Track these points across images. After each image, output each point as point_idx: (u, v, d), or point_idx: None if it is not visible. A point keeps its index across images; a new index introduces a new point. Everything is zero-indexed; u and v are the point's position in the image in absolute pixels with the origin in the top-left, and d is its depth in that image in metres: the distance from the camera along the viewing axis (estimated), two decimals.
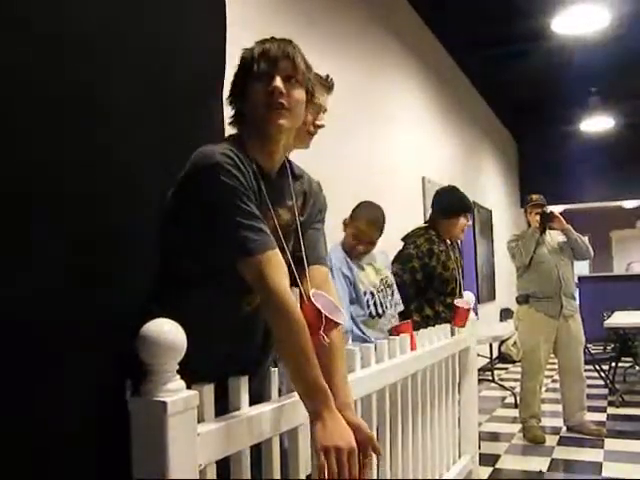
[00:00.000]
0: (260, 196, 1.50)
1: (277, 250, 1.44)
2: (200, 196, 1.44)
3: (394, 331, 2.64)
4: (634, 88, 7.79)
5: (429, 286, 3.35)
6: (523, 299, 4.76)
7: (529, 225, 4.83)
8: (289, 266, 1.52)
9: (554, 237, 4.83)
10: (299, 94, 1.55)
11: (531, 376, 4.71)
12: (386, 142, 5.00)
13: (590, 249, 4.80)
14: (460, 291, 3.46)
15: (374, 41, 4.85)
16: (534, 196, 4.90)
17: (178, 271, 1.52)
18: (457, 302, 3.19)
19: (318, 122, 2.11)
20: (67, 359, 1.70)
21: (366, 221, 2.89)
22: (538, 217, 4.70)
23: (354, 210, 2.94)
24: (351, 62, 4.38)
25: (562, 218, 4.78)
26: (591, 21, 5.54)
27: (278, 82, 1.51)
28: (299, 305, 1.46)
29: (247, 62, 1.54)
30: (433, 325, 3.08)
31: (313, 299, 1.44)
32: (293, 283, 1.54)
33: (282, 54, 1.54)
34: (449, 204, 3.54)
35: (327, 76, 2.16)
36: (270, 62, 1.53)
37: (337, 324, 1.48)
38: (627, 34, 6.12)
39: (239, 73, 1.57)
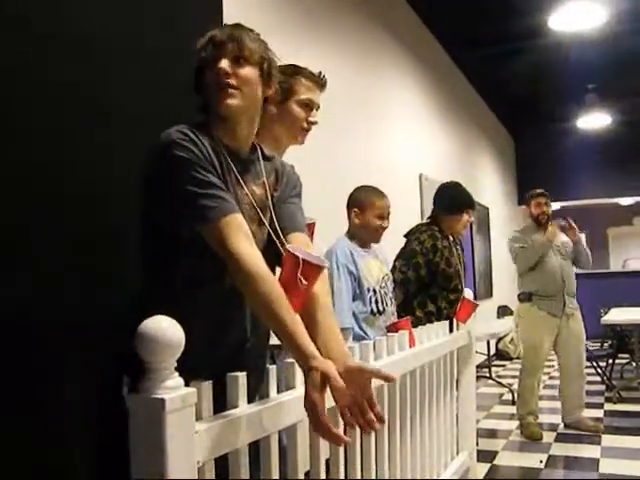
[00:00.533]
0: (230, 173, 1.55)
1: (236, 214, 1.46)
2: (158, 172, 1.50)
3: (392, 327, 2.64)
4: (631, 85, 7.80)
5: (433, 282, 3.36)
6: (526, 297, 4.76)
7: (532, 217, 4.86)
8: (269, 237, 1.60)
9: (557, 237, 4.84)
10: (248, 72, 1.57)
11: (530, 373, 4.72)
12: (383, 139, 5.00)
13: (590, 260, 4.97)
14: (462, 288, 3.47)
15: (371, 39, 4.85)
16: (538, 190, 5.00)
17: (158, 250, 1.56)
18: (466, 295, 3.21)
19: (311, 119, 2.13)
20: (67, 358, 1.71)
21: (382, 196, 2.91)
22: (539, 210, 4.82)
23: (361, 197, 2.92)
24: (348, 60, 4.38)
25: (576, 228, 4.85)
26: (588, 18, 5.54)
27: (223, 63, 1.55)
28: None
29: (199, 51, 1.59)
30: (435, 321, 3.10)
31: (290, 249, 1.49)
32: (274, 255, 1.59)
33: (227, 37, 1.57)
34: (452, 200, 3.54)
35: (319, 73, 2.18)
36: (216, 46, 1.57)
37: (319, 267, 1.50)
38: (624, 31, 6.13)
39: (197, 64, 1.60)
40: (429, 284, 3.36)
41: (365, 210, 2.86)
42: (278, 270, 1.56)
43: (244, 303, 1.55)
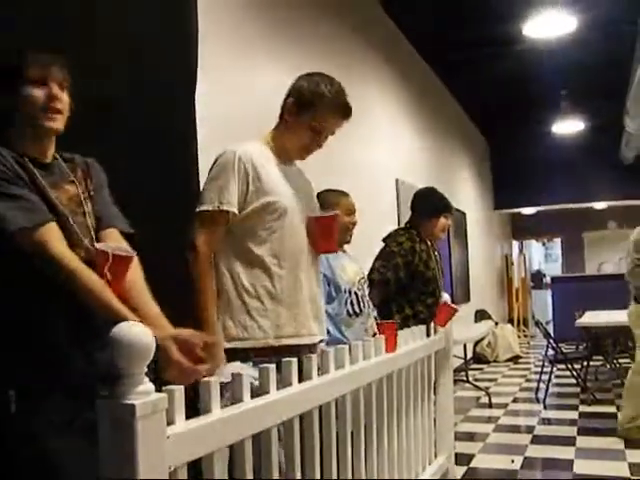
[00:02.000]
0: (37, 179, 1.59)
1: (52, 222, 1.54)
2: None
3: (379, 328, 2.64)
4: (602, 90, 7.91)
5: (411, 285, 3.38)
6: None
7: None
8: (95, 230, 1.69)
9: None
10: (67, 98, 1.65)
11: None
12: (360, 144, 5.02)
13: None
14: (440, 292, 3.50)
15: (348, 45, 4.87)
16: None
17: None
18: (445, 300, 3.23)
19: (317, 144, 2.20)
20: None
21: (346, 195, 2.93)
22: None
23: (327, 198, 2.92)
24: (326, 65, 4.39)
25: None
26: (560, 25, 5.63)
27: (55, 89, 1.62)
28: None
29: (13, 64, 1.61)
30: (413, 325, 3.12)
31: (97, 246, 1.59)
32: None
33: (53, 60, 1.63)
34: (431, 205, 3.60)
35: (348, 104, 2.21)
36: (43, 68, 1.61)
37: (128, 258, 1.60)
38: (594, 37, 6.23)
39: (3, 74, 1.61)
40: (407, 287, 3.38)
41: (332, 210, 2.87)
42: None
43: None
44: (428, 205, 3.60)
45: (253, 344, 2.02)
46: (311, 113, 2.13)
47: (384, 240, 3.59)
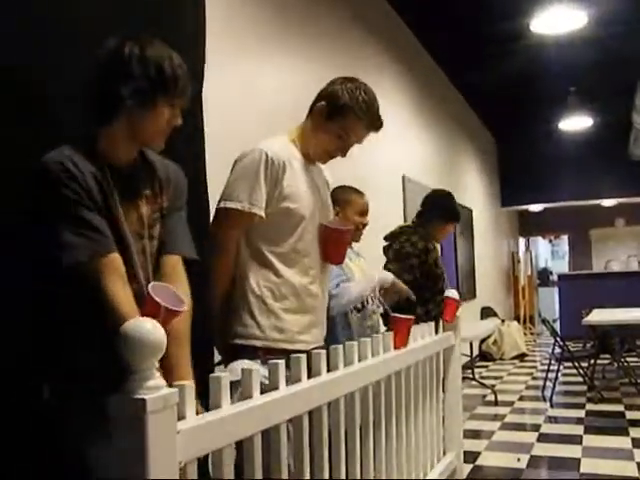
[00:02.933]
0: (112, 196, 1.56)
1: (113, 254, 1.51)
2: (39, 206, 1.53)
3: (393, 321, 2.60)
4: (611, 87, 7.88)
5: (425, 284, 3.37)
6: None
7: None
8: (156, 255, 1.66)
9: None
10: None
11: None
12: (366, 141, 5.00)
13: None
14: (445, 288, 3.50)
15: (355, 42, 4.86)
16: None
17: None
18: (448, 294, 3.21)
19: (342, 151, 2.20)
20: None
21: (360, 194, 2.92)
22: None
23: (340, 195, 2.92)
24: (332, 62, 4.38)
25: None
26: (569, 21, 5.60)
27: (180, 119, 1.63)
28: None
29: (161, 76, 1.56)
30: (419, 322, 3.11)
31: (152, 292, 1.49)
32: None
33: (185, 88, 1.62)
34: (444, 210, 3.60)
35: (379, 117, 2.20)
36: (186, 94, 1.62)
37: (177, 313, 1.52)
38: (604, 33, 6.20)
39: (148, 79, 1.56)
40: (422, 287, 3.37)
41: (345, 208, 2.86)
42: None
43: None
44: (441, 209, 3.60)
45: (254, 343, 2.02)
46: (342, 122, 2.13)
47: (387, 238, 3.56)
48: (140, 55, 1.56)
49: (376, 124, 2.19)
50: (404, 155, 6.04)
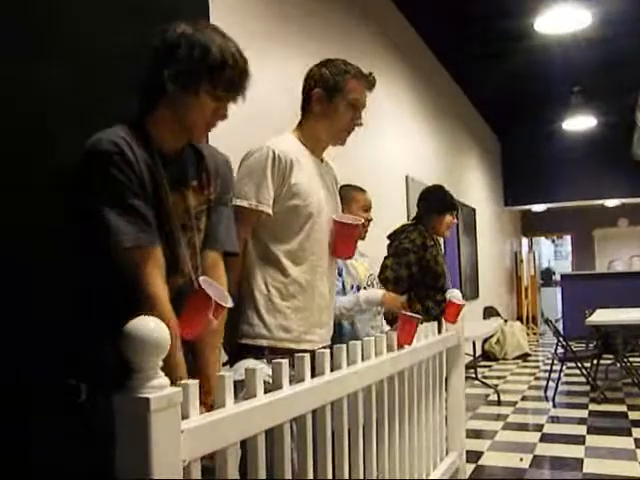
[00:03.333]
0: (162, 183, 1.51)
1: (155, 247, 1.47)
2: (88, 185, 1.45)
3: (400, 319, 2.60)
4: (616, 87, 7.86)
5: (422, 281, 3.38)
6: None
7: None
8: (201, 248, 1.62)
9: None
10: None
11: None
12: (370, 141, 5.01)
13: None
14: (447, 287, 3.50)
15: (359, 40, 4.85)
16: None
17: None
18: (451, 298, 3.22)
19: (356, 120, 2.18)
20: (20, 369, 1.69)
21: (363, 190, 2.96)
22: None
23: (343, 193, 2.92)
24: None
25: None
26: (573, 21, 5.58)
27: (227, 110, 1.56)
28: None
29: (205, 60, 1.48)
30: (422, 322, 3.10)
31: (204, 285, 1.51)
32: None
33: (245, 85, 1.56)
34: (437, 202, 3.63)
35: (370, 74, 2.20)
36: (235, 87, 1.54)
37: (223, 308, 1.54)
38: (609, 33, 6.19)
39: (191, 62, 1.49)
40: (418, 283, 3.38)
41: (350, 205, 2.87)
42: None
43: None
44: (434, 202, 3.63)
45: (261, 342, 2.02)
46: (343, 92, 2.13)
47: (390, 237, 3.59)
48: (189, 37, 1.49)
49: (370, 79, 2.20)
50: (407, 155, 6.04)
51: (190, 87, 1.50)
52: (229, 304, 1.55)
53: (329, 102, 2.14)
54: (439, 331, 3.08)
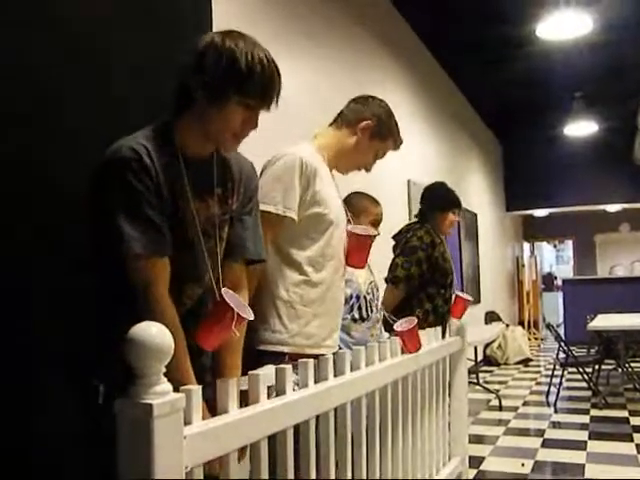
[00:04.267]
0: (183, 190, 1.50)
1: (164, 258, 1.46)
2: (102, 191, 1.45)
3: (398, 333, 2.60)
4: (617, 92, 7.87)
5: (432, 279, 3.39)
6: None
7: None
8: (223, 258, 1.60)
9: None
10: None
11: None
12: None
13: None
14: (454, 284, 3.52)
15: (360, 44, 4.86)
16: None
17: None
18: (459, 293, 3.23)
19: (369, 166, 2.34)
20: (41, 368, 1.70)
21: (376, 203, 2.99)
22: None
23: (356, 202, 2.94)
24: (337, 64, 4.39)
25: None
26: (575, 27, 5.59)
27: (257, 120, 1.53)
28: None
29: (233, 69, 1.46)
30: (432, 320, 3.15)
31: (225, 297, 1.50)
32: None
33: (276, 92, 1.52)
34: (439, 199, 3.62)
35: (400, 140, 2.36)
36: (265, 95, 1.50)
37: (243, 320, 1.54)
38: (610, 39, 6.20)
39: (218, 71, 1.46)
40: (428, 281, 3.38)
41: (359, 215, 2.87)
42: None
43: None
44: (437, 199, 3.62)
45: (282, 349, 2.01)
46: (382, 144, 2.29)
47: (395, 237, 3.58)
48: (218, 46, 1.47)
49: (399, 144, 2.36)
50: (409, 159, 6.04)
51: (218, 97, 1.48)
52: (250, 317, 1.54)
53: (370, 140, 2.26)
54: (443, 334, 3.07)
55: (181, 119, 1.54)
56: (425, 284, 3.37)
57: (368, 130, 2.24)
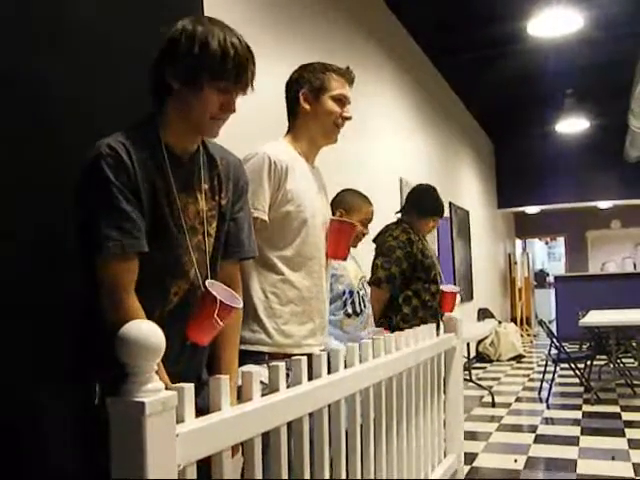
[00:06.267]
0: (168, 187, 1.50)
1: (133, 258, 1.44)
2: (80, 188, 1.45)
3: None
4: (608, 89, 7.90)
5: (413, 275, 3.39)
6: None
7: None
8: (212, 253, 1.59)
9: None
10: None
11: None
12: (364, 143, 5.01)
13: None
14: (440, 278, 3.52)
15: (353, 43, 4.86)
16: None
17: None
18: (443, 288, 3.24)
19: (345, 114, 2.21)
20: (37, 367, 1.69)
21: (368, 202, 2.96)
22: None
23: (349, 199, 2.93)
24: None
25: None
26: (565, 24, 5.61)
27: (235, 101, 1.52)
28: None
29: (205, 54, 1.46)
30: (422, 315, 3.13)
31: (209, 287, 1.51)
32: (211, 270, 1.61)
33: (250, 75, 1.53)
34: (426, 205, 3.62)
35: (347, 68, 2.25)
36: (239, 78, 1.50)
37: (233, 308, 1.54)
38: (600, 36, 6.22)
39: (191, 57, 1.46)
40: (411, 278, 3.39)
41: (351, 213, 2.86)
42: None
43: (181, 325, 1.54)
44: (420, 204, 3.62)
45: (261, 348, 2.01)
46: (328, 90, 2.18)
47: (375, 240, 3.59)
48: (188, 32, 1.47)
49: (351, 74, 2.25)
50: (401, 157, 6.05)
51: (193, 82, 1.48)
52: (239, 305, 1.55)
53: (316, 101, 2.17)
54: (437, 328, 3.08)
55: (163, 112, 1.54)
56: (408, 282, 3.39)
57: (307, 96, 2.17)
